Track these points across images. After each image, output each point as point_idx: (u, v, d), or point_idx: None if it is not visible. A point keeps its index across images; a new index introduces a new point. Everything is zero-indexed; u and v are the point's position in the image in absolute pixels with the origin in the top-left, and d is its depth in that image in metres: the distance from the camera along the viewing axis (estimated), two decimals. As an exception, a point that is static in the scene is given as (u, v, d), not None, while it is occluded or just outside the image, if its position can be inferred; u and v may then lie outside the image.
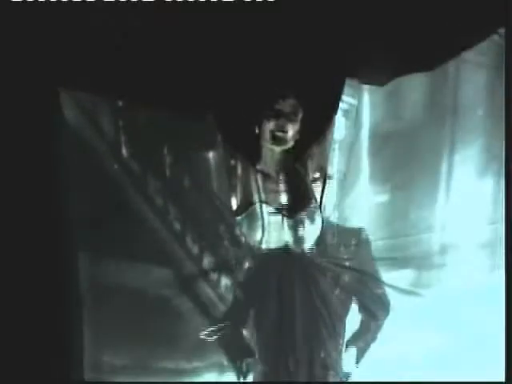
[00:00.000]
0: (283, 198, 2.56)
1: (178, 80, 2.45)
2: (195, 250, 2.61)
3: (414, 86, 2.57)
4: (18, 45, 2.37)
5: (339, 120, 2.52)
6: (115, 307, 2.49)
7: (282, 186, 2.57)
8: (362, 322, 2.62)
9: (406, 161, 2.59)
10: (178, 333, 2.55)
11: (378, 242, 2.58)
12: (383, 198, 2.61)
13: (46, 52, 2.37)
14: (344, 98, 2.50)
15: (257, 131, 2.52)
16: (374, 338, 2.61)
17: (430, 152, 2.59)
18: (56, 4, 2.33)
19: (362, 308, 2.61)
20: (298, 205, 2.56)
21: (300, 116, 2.51)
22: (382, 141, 2.56)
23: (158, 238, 2.57)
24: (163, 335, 2.53)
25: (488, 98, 2.55)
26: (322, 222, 2.55)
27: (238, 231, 2.55)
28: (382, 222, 2.62)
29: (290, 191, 2.57)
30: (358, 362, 2.57)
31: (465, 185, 2.60)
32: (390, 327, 2.60)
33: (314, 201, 2.56)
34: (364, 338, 2.60)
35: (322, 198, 2.57)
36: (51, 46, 2.37)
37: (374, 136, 2.55)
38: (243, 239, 2.55)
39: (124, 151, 2.55)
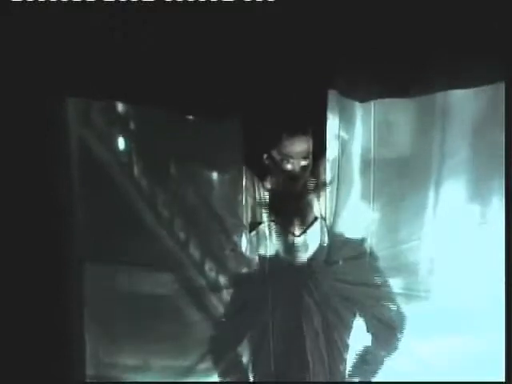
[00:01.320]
0: (290, 216, 2.57)
1: (185, 87, 2.44)
2: (198, 257, 2.61)
3: (403, 113, 2.57)
4: (22, 51, 2.36)
5: (331, 139, 2.52)
6: (118, 311, 2.51)
7: (289, 203, 2.58)
8: (370, 347, 2.56)
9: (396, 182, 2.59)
10: (182, 335, 2.55)
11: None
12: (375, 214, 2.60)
13: (50, 57, 2.36)
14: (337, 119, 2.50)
15: (266, 162, 2.54)
16: (379, 367, 2.57)
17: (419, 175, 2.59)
18: (62, 11, 2.33)
19: (372, 327, 2.56)
20: (305, 222, 2.57)
21: (311, 153, 2.51)
22: (372, 163, 2.56)
23: (162, 246, 2.57)
24: (166, 337, 2.54)
25: (476, 123, 2.54)
26: (328, 239, 2.57)
27: (245, 246, 2.55)
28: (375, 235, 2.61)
29: (296, 208, 2.58)
30: None
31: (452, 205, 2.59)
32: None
33: (319, 218, 2.57)
34: (369, 367, 2.56)
35: (325, 214, 2.57)
36: (55, 51, 2.36)
37: (364, 159, 2.54)
38: (249, 255, 2.56)
39: (135, 168, 2.56)
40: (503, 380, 2.32)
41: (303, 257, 2.57)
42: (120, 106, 2.53)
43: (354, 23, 2.42)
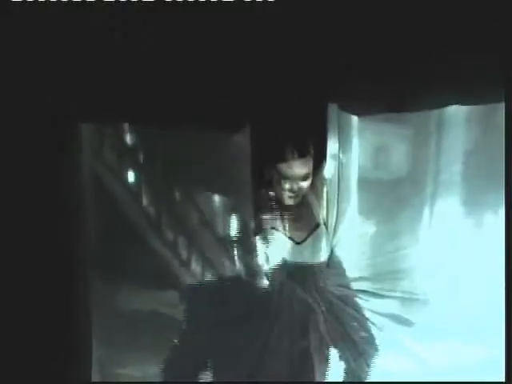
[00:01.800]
0: (293, 224, 2.57)
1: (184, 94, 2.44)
2: (199, 271, 2.62)
3: (399, 129, 2.58)
4: (22, 51, 2.37)
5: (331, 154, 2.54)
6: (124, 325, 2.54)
7: (291, 212, 2.58)
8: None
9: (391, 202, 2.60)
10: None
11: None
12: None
13: (50, 57, 2.37)
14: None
15: (267, 176, 2.53)
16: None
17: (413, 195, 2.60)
18: (62, 11, 2.33)
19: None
20: (306, 229, 2.57)
21: (312, 170, 2.50)
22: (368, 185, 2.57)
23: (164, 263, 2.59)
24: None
25: (470, 146, 2.56)
26: (330, 249, 2.57)
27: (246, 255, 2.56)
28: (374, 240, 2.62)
29: (299, 217, 2.58)
30: None
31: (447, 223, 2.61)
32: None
33: (321, 226, 2.57)
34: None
35: (327, 222, 2.57)
36: (55, 52, 2.37)
37: (361, 180, 2.55)
38: (251, 266, 2.56)
39: (143, 197, 2.58)
40: (503, 380, 2.32)
41: (305, 264, 2.57)
42: (129, 136, 2.56)
43: (354, 24, 2.42)
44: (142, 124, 2.47)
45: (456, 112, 2.52)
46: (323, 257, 2.58)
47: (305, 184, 2.50)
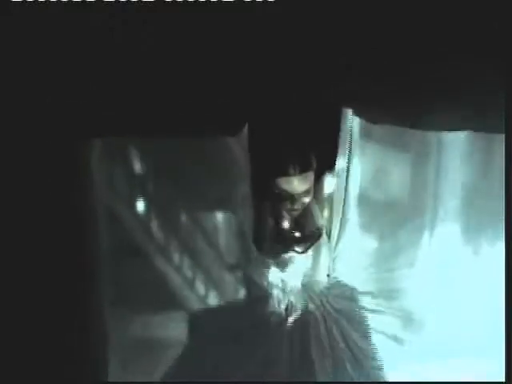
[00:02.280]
0: (294, 234, 2.56)
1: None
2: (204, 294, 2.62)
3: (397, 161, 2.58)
4: (22, 51, 2.36)
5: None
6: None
7: (292, 223, 2.57)
8: None
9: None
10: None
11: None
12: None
13: (50, 58, 2.36)
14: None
15: (267, 189, 2.52)
16: None
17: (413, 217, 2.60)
18: (62, 11, 2.32)
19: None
20: (308, 240, 2.56)
21: (313, 184, 2.49)
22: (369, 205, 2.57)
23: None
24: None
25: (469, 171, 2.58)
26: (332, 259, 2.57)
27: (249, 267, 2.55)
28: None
29: (300, 227, 2.57)
30: None
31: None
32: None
33: (323, 236, 2.56)
34: None
35: (330, 233, 2.56)
36: (55, 52, 2.36)
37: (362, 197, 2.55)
38: (254, 279, 2.56)
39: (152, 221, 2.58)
40: (503, 380, 2.32)
41: (307, 273, 2.56)
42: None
43: (355, 25, 2.41)
44: (140, 134, 2.45)
45: (457, 138, 2.51)
46: (324, 267, 2.57)
47: (306, 199, 2.49)
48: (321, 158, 2.52)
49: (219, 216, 2.58)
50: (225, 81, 2.39)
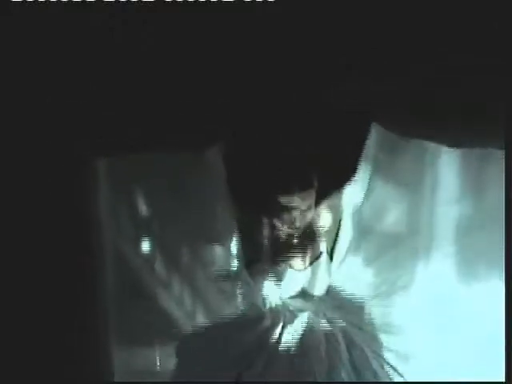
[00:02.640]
0: (294, 252, 2.55)
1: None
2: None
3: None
4: (22, 51, 2.36)
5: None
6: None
7: (293, 240, 2.56)
8: None
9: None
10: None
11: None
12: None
13: (50, 58, 2.36)
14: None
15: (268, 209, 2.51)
16: None
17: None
18: (62, 11, 2.32)
19: None
20: (309, 258, 2.56)
21: (314, 201, 2.48)
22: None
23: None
24: None
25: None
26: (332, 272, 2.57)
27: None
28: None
29: (301, 245, 2.56)
30: None
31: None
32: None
33: (324, 254, 2.56)
34: None
35: (332, 251, 2.56)
36: (55, 52, 2.36)
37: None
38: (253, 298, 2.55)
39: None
40: (503, 380, 2.32)
41: (305, 292, 2.55)
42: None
43: (355, 25, 2.41)
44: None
45: (452, 162, 2.51)
46: (324, 285, 2.56)
47: (307, 216, 2.48)
48: (323, 176, 2.50)
49: (214, 247, 2.59)
50: (225, 81, 2.40)
